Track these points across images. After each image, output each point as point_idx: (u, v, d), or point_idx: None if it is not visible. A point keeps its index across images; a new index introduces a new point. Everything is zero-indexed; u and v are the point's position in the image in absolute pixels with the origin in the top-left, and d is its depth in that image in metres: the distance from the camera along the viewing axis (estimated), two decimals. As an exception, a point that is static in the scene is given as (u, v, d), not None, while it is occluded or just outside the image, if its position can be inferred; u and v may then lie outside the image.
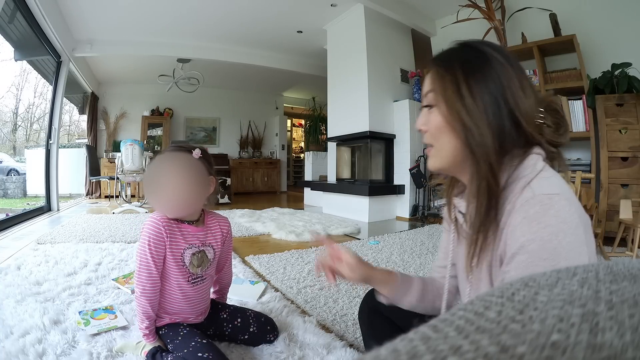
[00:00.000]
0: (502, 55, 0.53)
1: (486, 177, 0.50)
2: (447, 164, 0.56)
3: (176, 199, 0.88)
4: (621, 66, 2.44)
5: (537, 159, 0.51)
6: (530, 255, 0.43)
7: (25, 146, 8.15)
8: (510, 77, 0.51)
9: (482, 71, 0.51)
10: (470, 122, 0.50)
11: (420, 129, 0.58)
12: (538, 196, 0.46)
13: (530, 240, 0.44)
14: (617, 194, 2.38)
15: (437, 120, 0.55)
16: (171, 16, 4.02)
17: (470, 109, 0.51)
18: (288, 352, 0.97)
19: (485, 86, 0.51)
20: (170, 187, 0.87)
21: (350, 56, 3.87)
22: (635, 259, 0.28)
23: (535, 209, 0.45)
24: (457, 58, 0.54)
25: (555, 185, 0.47)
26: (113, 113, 6.20)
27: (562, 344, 0.11)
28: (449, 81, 0.53)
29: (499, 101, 0.50)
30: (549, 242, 0.43)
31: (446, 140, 0.54)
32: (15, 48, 3.60)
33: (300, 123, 9.19)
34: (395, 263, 1.94)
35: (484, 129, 0.50)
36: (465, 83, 0.51)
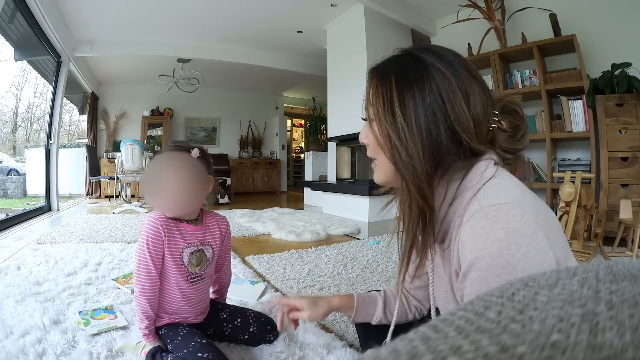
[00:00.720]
0: (445, 62, 0.49)
1: (415, 199, 0.48)
2: (390, 179, 0.54)
3: (175, 198, 0.88)
4: (621, 66, 2.44)
5: (486, 165, 0.48)
6: (482, 272, 0.41)
7: (25, 146, 8.14)
8: (452, 88, 0.47)
9: (418, 83, 0.47)
10: (399, 143, 0.48)
11: (362, 142, 0.56)
12: (484, 209, 0.43)
13: (479, 258, 0.41)
14: (617, 194, 2.38)
15: (373, 136, 0.53)
16: (171, 16, 4.02)
17: (400, 130, 0.47)
18: (288, 352, 0.97)
19: (421, 100, 0.47)
20: (170, 186, 0.87)
21: (350, 56, 3.87)
22: (635, 259, 0.28)
23: (481, 223, 0.42)
24: (394, 69, 0.50)
25: (504, 194, 0.44)
26: (113, 113, 6.20)
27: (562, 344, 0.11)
28: (381, 96, 0.50)
29: (437, 116, 0.47)
30: (500, 258, 0.40)
31: (382, 157, 0.53)
32: (15, 48, 3.60)
33: (300, 123, 9.19)
34: (395, 263, 1.94)
35: (413, 149, 0.47)
36: (397, 99, 0.48)
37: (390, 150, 0.49)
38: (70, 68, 4.16)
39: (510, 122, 0.51)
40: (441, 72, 0.48)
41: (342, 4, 3.70)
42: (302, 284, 1.56)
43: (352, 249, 2.24)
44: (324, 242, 2.48)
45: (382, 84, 0.50)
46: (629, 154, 2.38)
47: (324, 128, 5.57)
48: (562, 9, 2.95)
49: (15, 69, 8.69)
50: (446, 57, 0.50)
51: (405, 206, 0.49)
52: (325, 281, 1.61)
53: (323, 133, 5.95)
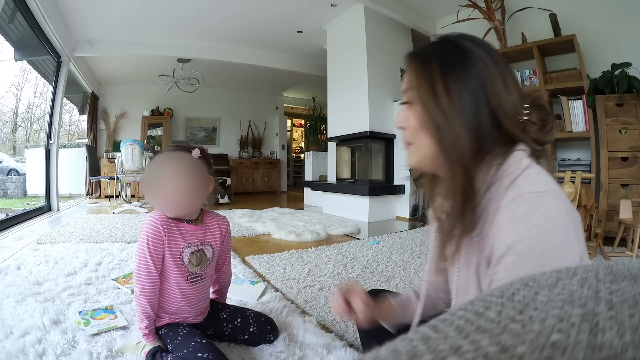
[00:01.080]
0: (484, 51, 0.50)
1: (461, 179, 0.48)
2: (425, 162, 0.55)
3: (176, 198, 0.89)
4: (621, 66, 2.44)
5: (521, 156, 0.49)
6: (519, 256, 0.42)
7: (25, 146, 8.14)
8: (492, 74, 0.49)
9: (461, 68, 0.49)
10: (444, 122, 0.49)
11: (400, 126, 0.57)
12: (524, 194, 0.44)
13: (518, 241, 0.42)
14: (617, 194, 2.38)
15: (414, 118, 0.53)
16: (171, 16, 4.02)
17: (445, 109, 0.49)
18: (288, 352, 0.97)
19: (463, 84, 0.49)
20: (171, 186, 0.87)
21: (350, 56, 3.87)
22: (635, 259, 0.28)
23: (522, 208, 0.43)
24: (435, 53, 0.52)
25: (542, 183, 0.45)
26: (113, 113, 6.19)
27: (562, 344, 0.11)
28: (424, 78, 0.51)
29: (479, 100, 0.48)
30: (538, 242, 0.41)
31: (423, 139, 0.53)
32: (15, 48, 3.60)
33: (300, 123, 9.19)
34: (395, 263, 1.94)
35: (459, 129, 0.48)
36: (441, 81, 0.49)
37: (436, 130, 0.50)
38: (70, 68, 4.16)
39: (538, 116, 0.53)
40: (481, 59, 0.49)
41: (342, 4, 3.70)
42: (302, 284, 1.56)
43: (352, 249, 2.24)
44: (324, 242, 2.48)
45: (424, 67, 0.52)
46: (629, 154, 2.38)
47: (324, 128, 5.57)
48: (562, 9, 2.95)
49: (15, 69, 8.71)
50: (486, 46, 0.52)
51: (449, 188, 0.50)
52: (325, 281, 1.61)
53: (323, 133, 5.95)
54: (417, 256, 2.09)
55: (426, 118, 0.51)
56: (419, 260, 2.00)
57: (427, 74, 0.51)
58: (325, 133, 4.96)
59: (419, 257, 2.06)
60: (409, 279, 1.67)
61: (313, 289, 1.50)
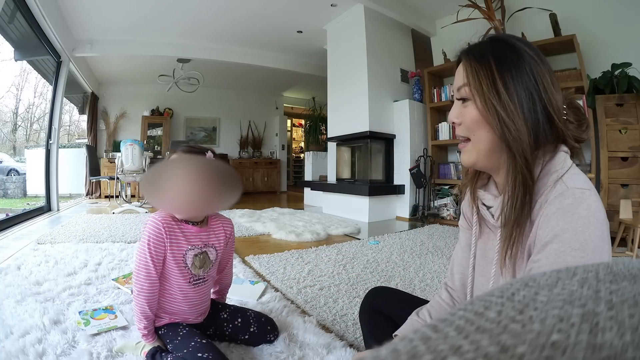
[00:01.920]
0: (533, 51, 0.53)
1: (522, 172, 0.51)
2: (483, 158, 0.56)
3: (204, 201, 0.87)
4: (621, 66, 2.44)
5: (565, 157, 0.52)
6: (563, 244, 0.45)
7: (25, 146, 8.14)
8: (542, 73, 0.52)
9: (516, 66, 0.51)
10: (507, 117, 0.51)
11: (453, 122, 0.58)
12: (571, 189, 0.47)
13: (564, 230, 0.45)
14: (617, 194, 2.38)
15: (472, 114, 0.54)
16: (171, 16, 4.02)
17: (506, 105, 0.51)
18: (288, 352, 0.97)
19: (519, 81, 0.51)
20: (199, 189, 0.84)
21: (350, 56, 3.87)
22: (635, 259, 0.28)
23: (569, 200, 0.46)
24: (490, 52, 0.54)
25: (586, 182, 0.49)
26: (113, 113, 6.20)
27: (562, 344, 0.11)
28: (483, 75, 0.53)
29: (534, 96, 0.51)
30: (581, 233, 0.44)
31: (483, 133, 0.54)
32: (15, 48, 3.60)
33: (300, 123, 9.19)
34: (395, 263, 1.94)
35: (520, 124, 0.50)
36: (500, 78, 0.51)
37: (499, 124, 0.51)
38: (70, 68, 4.16)
39: (575, 115, 0.56)
40: (532, 58, 0.52)
41: (342, 4, 3.71)
42: (302, 284, 1.56)
43: (352, 249, 2.24)
44: (324, 242, 2.48)
45: (481, 64, 0.53)
46: (629, 154, 2.38)
47: (324, 128, 5.57)
48: (562, 9, 2.95)
49: (15, 69, 8.70)
50: (533, 47, 0.54)
51: (510, 181, 0.52)
52: (325, 281, 1.61)
53: (323, 133, 5.95)
54: (417, 256, 2.09)
55: (488, 113, 0.52)
56: (419, 260, 2.00)
57: (486, 71, 0.53)
58: (325, 133, 4.96)
59: (419, 257, 2.06)
60: (409, 279, 1.67)
61: (313, 289, 1.50)
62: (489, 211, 0.59)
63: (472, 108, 0.54)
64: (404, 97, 3.90)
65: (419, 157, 3.68)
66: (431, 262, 1.97)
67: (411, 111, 3.70)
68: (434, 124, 3.81)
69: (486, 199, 0.60)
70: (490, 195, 0.59)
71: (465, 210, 0.68)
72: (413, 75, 4.01)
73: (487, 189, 0.62)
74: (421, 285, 1.60)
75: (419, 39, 4.21)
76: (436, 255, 2.11)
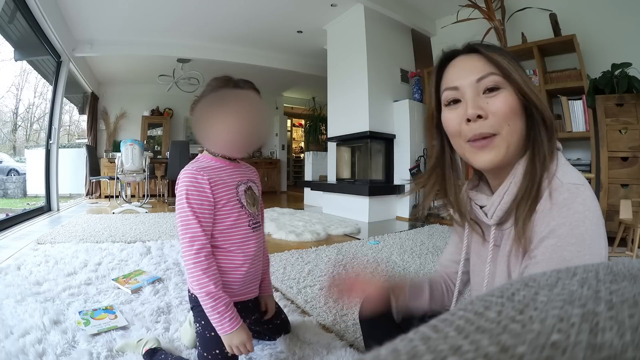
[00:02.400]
0: None
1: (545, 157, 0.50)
2: (513, 152, 0.52)
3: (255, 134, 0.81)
4: (621, 66, 2.44)
5: (558, 154, 0.53)
6: (560, 239, 0.45)
7: (25, 146, 8.15)
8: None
9: (522, 68, 0.53)
10: (542, 105, 0.51)
11: (478, 115, 0.51)
12: (566, 185, 0.47)
13: (560, 225, 0.45)
14: (617, 194, 2.38)
15: (510, 101, 0.50)
16: (171, 16, 4.02)
17: (536, 91, 0.52)
18: (288, 352, 0.97)
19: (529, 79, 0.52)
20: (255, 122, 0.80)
21: (350, 56, 3.87)
22: (635, 259, 0.28)
23: (564, 195, 0.47)
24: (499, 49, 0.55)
25: (579, 177, 0.49)
26: (113, 113, 6.20)
27: (562, 344, 0.11)
28: (514, 66, 0.52)
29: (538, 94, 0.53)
30: (577, 228, 0.44)
31: (519, 123, 0.52)
32: (15, 48, 3.60)
33: (300, 123, 9.19)
34: (395, 263, 1.94)
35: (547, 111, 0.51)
36: (520, 68, 0.53)
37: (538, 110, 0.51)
38: (70, 68, 4.16)
39: None
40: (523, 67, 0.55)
41: (342, 4, 3.70)
42: (302, 284, 1.56)
43: (352, 249, 2.24)
44: (324, 242, 2.48)
45: (500, 55, 0.53)
46: (629, 154, 2.38)
47: (324, 128, 5.57)
48: (562, 9, 2.95)
49: (15, 69, 8.70)
50: None
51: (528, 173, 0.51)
52: (325, 281, 1.61)
53: (323, 133, 5.95)
54: (417, 256, 2.09)
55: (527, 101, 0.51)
56: (419, 260, 2.00)
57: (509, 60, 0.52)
58: (325, 133, 4.96)
59: (419, 257, 2.06)
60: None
61: (313, 289, 1.50)
62: (482, 210, 0.59)
63: (508, 95, 0.51)
64: (404, 97, 3.89)
65: (419, 157, 3.68)
66: (431, 262, 1.97)
67: (411, 111, 3.70)
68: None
69: (479, 199, 0.59)
70: (483, 195, 0.59)
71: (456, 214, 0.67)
72: (413, 75, 4.01)
73: (479, 189, 0.62)
74: (421, 285, 1.60)
75: (419, 39, 4.21)
76: (436, 255, 2.11)
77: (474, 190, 0.62)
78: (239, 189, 0.83)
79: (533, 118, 0.52)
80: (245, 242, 0.83)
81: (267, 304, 0.96)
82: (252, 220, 0.85)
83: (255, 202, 0.88)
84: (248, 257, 0.83)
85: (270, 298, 0.97)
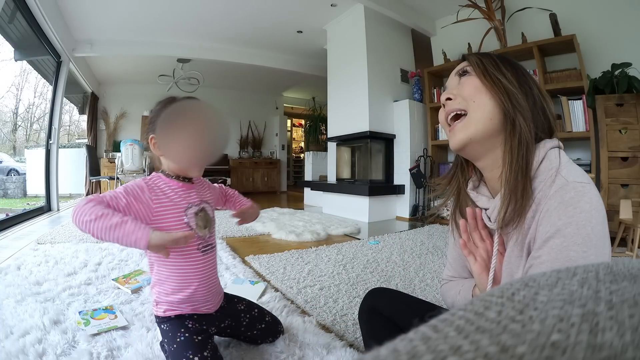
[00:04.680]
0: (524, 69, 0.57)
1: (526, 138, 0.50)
2: (481, 131, 0.53)
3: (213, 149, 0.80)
4: (621, 66, 2.44)
5: (560, 151, 0.52)
6: (566, 239, 0.44)
7: (25, 146, 8.14)
8: (535, 81, 0.55)
9: (517, 69, 0.55)
10: (512, 87, 0.52)
11: (447, 98, 0.57)
12: (572, 183, 0.47)
13: (567, 224, 0.44)
14: (617, 194, 2.38)
15: (474, 82, 0.55)
16: (171, 16, 4.02)
17: (509, 81, 0.53)
18: (288, 352, 0.97)
19: (520, 75, 0.54)
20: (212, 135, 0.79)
21: (350, 56, 3.87)
22: (635, 259, 0.28)
23: (571, 194, 0.46)
24: (491, 55, 0.57)
25: (584, 176, 0.49)
26: (113, 113, 6.20)
27: (562, 344, 0.11)
28: (488, 62, 0.55)
29: (534, 91, 0.53)
30: (584, 227, 0.43)
31: (485, 100, 0.53)
32: (15, 48, 3.60)
33: (300, 123, 9.19)
34: (395, 263, 1.94)
35: (522, 99, 0.52)
36: (503, 65, 0.55)
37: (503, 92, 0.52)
38: (70, 68, 4.16)
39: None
40: (526, 70, 0.56)
41: (342, 4, 3.71)
42: (302, 284, 1.56)
43: (352, 249, 2.24)
44: (324, 242, 2.48)
45: (483, 56, 0.57)
46: (629, 154, 2.38)
47: (324, 128, 5.57)
48: (562, 9, 2.95)
49: (15, 69, 8.69)
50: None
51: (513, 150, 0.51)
52: (325, 281, 1.61)
53: (323, 133, 5.95)
54: (417, 256, 2.09)
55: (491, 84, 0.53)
56: (419, 260, 2.00)
57: (490, 59, 0.56)
58: (325, 133, 4.96)
59: (419, 257, 2.06)
60: (409, 279, 1.67)
61: (313, 289, 1.50)
62: (485, 213, 0.58)
63: (473, 77, 0.55)
64: (404, 97, 3.90)
65: (419, 157, 3.68)
66: (431, 262, 1.97)
67: (411, 111, 3.70)
68: (434, 124, 3.81)
69: (480, 200, 0.59)
70: (484, 196, 0.58)
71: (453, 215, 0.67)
72: (413, 75, 4.01)
73: (479, 190, 0.61)
74: (421, 285, 1.60)
75: (419, 39, 4.21)
76: (436, 255, 2.11)
77: (474, 191, 0.61)
78: (188, 212, 0.83)
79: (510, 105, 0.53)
80: (194, 264, 0.85)
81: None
82: (202, 243, 0.86)
83: (207, 223, 0.87)
84: (196, 278, 0.85)
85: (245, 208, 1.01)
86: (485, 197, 0.58)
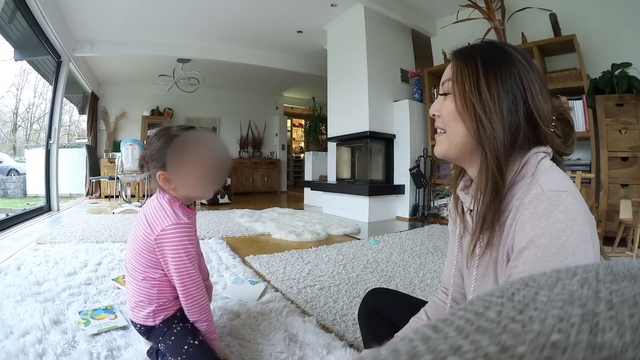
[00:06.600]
0: (525, 58, 0.54)
1: (492, 170, 0.50)
2: (455, 151, 0.56)
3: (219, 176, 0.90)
4: (621, 66, 2.44)
5: (544, 155, 0.51)
6: (540, 249, 0.44)
7: (25, 146, 8.14)
8: (532, 80, 0.52)
9: (504, 69, 0.52)
10: (484, 115, 0.51)
11: (433, 115, 0.60)
12: (547, 192, 0.46)
13: (539, 235, 0.44)
14: (617, 194, 2.38)
15: (450, 107, 0.55)
16: (171, 16, 4.02)
17: (486, 103, 0.51)
18: (288, 352, 0.97)
19: (505, 83, 0.51)
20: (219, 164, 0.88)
21: (350, 56, 3.87)
22: (635, 259, 0.28)
23: (544, 204, 0.45)
24: (480, 53, 0.55)
25: (562, 183, 0.47)
26: (113, 113, 6.20)
27: (562, 344, 0.11)
28: (467, 74, 0.54)
29: (518, 100, 0.51)
30: (557, 238, 0.43)
31: (458, 127, 0.55)
32: (15, 48, 3.60)
33: (300, 123, 9.19)
34: (395, 263, 1.94)
35: (497, 124, 0.50)
36: (484, 78, 0.52)
37: (473, 121, 0.52)
38: (70, 68, 4.16)
39: (563, 129, 0.56)
40: (522, 64, 0.53)
41: (342, 4, 3.71)
42: (302, 284, 1.56)
43: (352, 249, 2.24)
44: (324, 242, 2.48)
45: (467, 63, 0.55)
46: (629, 154, 2.38)
47: (324, 128, 5.57)
48: (562, 9, 2.95)
49: (15, 69, 8.69)
50: (526, 55, 0.55)
51: (482, 178, 0.52)
52: (325, 281, 1.61)
53: (323, 133, 5.95)
54: (417, 256, 2.09)
55: (464, 110, 0.53)
56: (419, 260, 2.00)
57: (470, 70, 0.54)
58: (325, 133, 4.96)
59: (419, 257, 2.06)
60: (409, 279, 1.67)
61: (313, 289, 1.50)
62: (470, 215, 0.58)
63: (450, 102, 0.56)
64: (404, 97, 3.90)
65: (419, 157, 3.68)
66: (431, 262, 1.97)
67: (411, 111, 3.70)
68: (434, 124, 3.81)
69: (467, 201, 0.59)
70: (470, 197, 0.58)
71: (451, 211, 0.68)
72: (413, 75, 4.02)
73: (468, 191, 0.61)
74: (421, 285, 1.60)
75: (419, 39, 4.21)
76: (436, 255, 2.11)
77: (464, 190, 0.62)
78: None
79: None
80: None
81: None
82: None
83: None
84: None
85: None
86: (471, 197, 0.58)
